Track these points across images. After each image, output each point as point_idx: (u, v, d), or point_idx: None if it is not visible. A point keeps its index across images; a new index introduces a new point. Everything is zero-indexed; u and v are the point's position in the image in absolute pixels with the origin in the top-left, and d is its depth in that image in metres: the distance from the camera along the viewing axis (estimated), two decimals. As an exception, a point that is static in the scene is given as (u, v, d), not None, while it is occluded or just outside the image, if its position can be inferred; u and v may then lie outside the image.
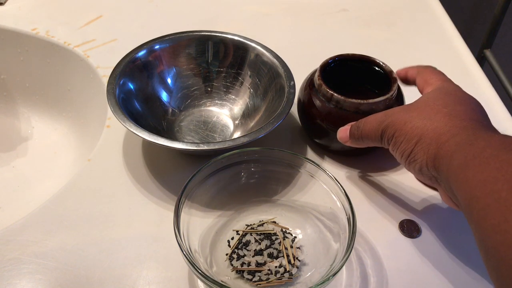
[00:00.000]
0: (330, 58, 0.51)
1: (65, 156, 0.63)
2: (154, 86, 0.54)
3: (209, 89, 0.57)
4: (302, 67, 0.53)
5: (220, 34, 0.56)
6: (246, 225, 0.44)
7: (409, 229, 0.45)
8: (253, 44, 0.55)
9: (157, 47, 0.54)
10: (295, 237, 0.44)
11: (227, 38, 0.55)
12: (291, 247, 0.42)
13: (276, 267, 0.41)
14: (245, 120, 0.55)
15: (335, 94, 0.47)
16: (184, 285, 0.40)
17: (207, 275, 0.35)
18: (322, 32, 0.70)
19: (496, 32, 1.07)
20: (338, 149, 0.51)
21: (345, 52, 0.52)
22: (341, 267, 0.36)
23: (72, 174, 0.51)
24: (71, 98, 0.65)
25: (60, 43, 0.64)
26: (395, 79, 0.48)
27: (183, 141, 0.48)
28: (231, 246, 0.43)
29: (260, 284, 0.40)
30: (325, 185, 0.43)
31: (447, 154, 0.35)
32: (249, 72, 0.55)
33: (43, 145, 0.65)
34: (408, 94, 0.50)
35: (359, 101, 0.46)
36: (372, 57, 0.51)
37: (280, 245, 0.42)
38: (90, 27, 0.68)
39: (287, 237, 0.43)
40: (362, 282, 0.41)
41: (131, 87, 0.51)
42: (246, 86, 0.56)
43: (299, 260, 0.42)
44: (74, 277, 0.40)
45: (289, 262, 0.41)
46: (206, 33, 0.56)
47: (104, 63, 0.61)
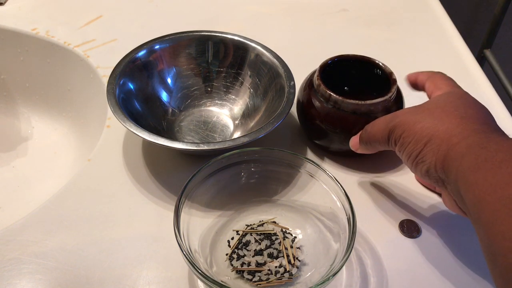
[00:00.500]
0: (330, 59, 0.51)
1: (65, 156, 0.63)
2: (154, 86, 0.54)
3: (209, 89, 0.57)
4: (302, 67, 0.53)
5: (220, 34, 0.56)
6: (246, 225, 0.44)
7: (409, 229, 0.45)
8: (253, 44, 0.55)
9: (157, 47, 0.54)
10: (295, 237, 0.43)
11: (227, 38, 0.55)
12: (291, 247, 0.42)
13: (276, 267, 0.41)
14: (245, 120, 0.54)
15: (333, 95, 0.47)
16: (184, 285, 0.40)
17: (207, 275, 0.35)
18: (322, 32, 0.70)
19: (496, 32, 1.07)
20: (338, 150, 0.50)
21: (345, 52, 0.52)
22: (341, 267, 0.36)
23: (72, 174, 0.51)
24: (71, 98, 0.65)
25: (60, 43, 0.64)
26: (394, 81, 0.48)
27: (183, 141, 0.48)
28: (231, 246, 0.43)
29: (260, 284, 0.40)
30: (325, 185, 0.43)
31: (457, 156, 0.34)
32: (249, 72, 0.55)
33: (43, 145, 0.65)
34: (408, 97, 0.50)
35: (357, 101, 0.46)
36: (372, 58, 0.51)
37: (280, 245, 0.42)
38: (90, 27, 0.68)
39: (287, 237, 0.43)
40: (362, 282, 0.41)
41: (131, 87, 0.51)
42: (246, 86, 0.56)
43: (299, 260, 0.42)
44: (74, 277, 0.40)
45: (289, 262, 0.41)
46: (206, 33, 0.56)
47: (104, 63, 0.61)
